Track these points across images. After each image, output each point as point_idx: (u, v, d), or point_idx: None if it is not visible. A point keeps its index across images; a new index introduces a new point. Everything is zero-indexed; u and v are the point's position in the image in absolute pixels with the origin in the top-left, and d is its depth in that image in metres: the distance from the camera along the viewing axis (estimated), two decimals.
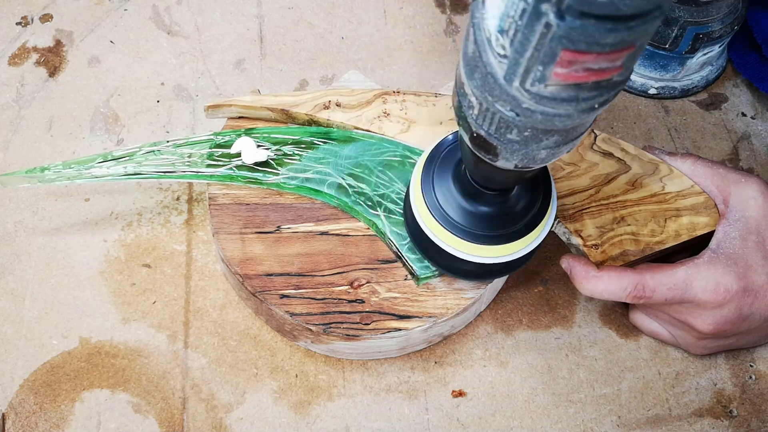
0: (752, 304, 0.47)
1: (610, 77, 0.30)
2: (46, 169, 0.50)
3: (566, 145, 0.36)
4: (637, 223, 0.51)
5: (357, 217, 0.52)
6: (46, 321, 0.52)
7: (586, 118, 0.33)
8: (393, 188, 0.52)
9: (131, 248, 0.55)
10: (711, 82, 0.67)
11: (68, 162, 0.51)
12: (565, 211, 0.51)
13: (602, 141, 0.54)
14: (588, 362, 0.53)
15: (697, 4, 0.60)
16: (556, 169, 0.52)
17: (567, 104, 0.31)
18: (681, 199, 0.51)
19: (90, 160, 0.51)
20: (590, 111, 0.32)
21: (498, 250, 0.45)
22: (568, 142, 0.36)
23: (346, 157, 0.53)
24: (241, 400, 0.50)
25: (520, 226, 0.45)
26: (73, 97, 0.62)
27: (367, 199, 0.52)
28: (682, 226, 0.50)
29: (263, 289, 0.49)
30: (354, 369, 0.52)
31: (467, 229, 0.45)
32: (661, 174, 0.52)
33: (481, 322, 0.54)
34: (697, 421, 0.51)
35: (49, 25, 0.66)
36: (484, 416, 0.51)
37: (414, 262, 0.50)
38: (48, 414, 0.49)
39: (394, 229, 0.51)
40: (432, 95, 0.55)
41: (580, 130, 0.35)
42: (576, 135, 0.36)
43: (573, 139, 0.36)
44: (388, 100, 0.55)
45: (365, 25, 0.69)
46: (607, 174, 0.52)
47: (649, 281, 0.47)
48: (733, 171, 0.51)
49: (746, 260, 0.47)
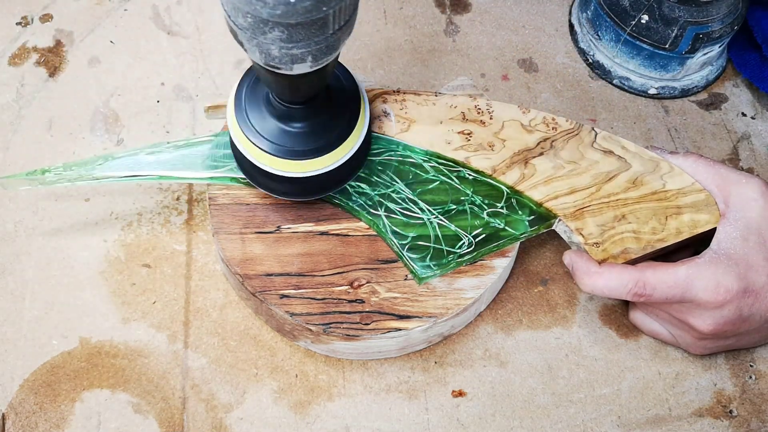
0: (752, 305, 0.47)
1: None
2: (47, 171, 0.50)
3: (296, 46, 0.38)
4: (638, 220, 0.51)
5: (358, 216, 0.52)
6: (46, 321, 0.52)
7: (290, 14, 0.36)
8: (394, 188, 0.52)
9: (131, 248, 0.55)
10: (711, 82, 0.67)
11: (69, 164, 0.51)
12: (566, 209, 0.51)
13: (603, 139, 0.54)
14: (588, 362, 0.53)
15: (697, 4, 0.61)
16: (557, 168, 0.52)
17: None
18: (682, 196, 0.51)
19: (90, 161, 0.51)
20: (286, 4, 0.35)
21: (314, 164, 0.48)
22: (296, 42, 0.38)
23: None
24: (241, 400, 0.50)
25: (331, 139, 0.48)
26: (73, 97, 0.62)
27: (368, 199, 0.52)
28: (683, 224, 0.50)
29: (263, 289, 0.49)
30: (354, 369, 0.52)
31: (284, 147, 0.47)
32: (661, 171, 0.52)
33: (481, 322, 0.54)
34: (697, 421, 0.51)
35: (49, 25, 0.66)
36: (484, 416, 0.51)
37: (415, 262, 0.50)
38: (48, 414, 0.49)
39: (396, 228, 0.51)
40: (432, 94, 0.55)
41: (308, 34, 0.38)
42: (302, 39, 0.38)
43: (300, 42, 0.38)
44: (387, 100, 0.55)
45: (365, 25, 0.69)
46: (608, 172, 0.52)
47: (650, 278, 0.47)
48: (734, 171, 0.51)
49: (747, 260, 0.47)
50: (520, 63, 0.67)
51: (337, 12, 0.37)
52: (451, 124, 0.54)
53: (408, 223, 0.51)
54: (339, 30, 0.39)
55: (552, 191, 0.52)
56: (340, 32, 0.39)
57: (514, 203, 0.52)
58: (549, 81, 0.66)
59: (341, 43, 0.40)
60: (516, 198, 0.52)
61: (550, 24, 0.70)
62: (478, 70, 0.66)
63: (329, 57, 0.40)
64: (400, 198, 0.52)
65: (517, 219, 0.51)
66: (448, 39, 0.68)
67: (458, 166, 0.53)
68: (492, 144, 0.53)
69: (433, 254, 0.50)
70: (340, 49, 0.41)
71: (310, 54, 0.39)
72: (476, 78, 0.66)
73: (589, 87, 0.66)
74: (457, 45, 0.68)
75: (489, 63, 0.67)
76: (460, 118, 0.54)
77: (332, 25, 0.38)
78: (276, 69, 0.40)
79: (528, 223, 0.51)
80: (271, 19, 0.36)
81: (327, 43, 0.39)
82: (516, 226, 0.51)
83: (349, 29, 0.40)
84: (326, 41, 0.39)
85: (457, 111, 0.55)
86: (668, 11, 0.61)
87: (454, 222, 0.51)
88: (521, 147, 0.53)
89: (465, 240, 0.51)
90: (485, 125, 0.54)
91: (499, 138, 0.54)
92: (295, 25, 0.37)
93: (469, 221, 0.51)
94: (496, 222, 0.51)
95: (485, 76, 0.66)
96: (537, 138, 0.54)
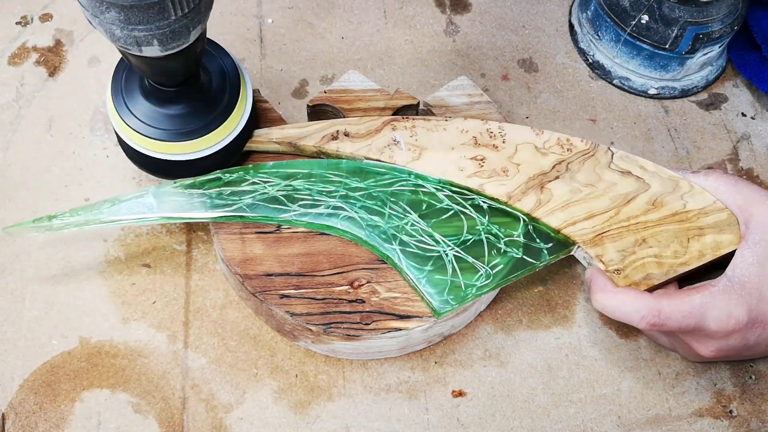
0: (759, 335, 0.46)
1: None
2: (54, 218, 0.50)
3: (137, 28, 0.39)
4: (659, 244, 0.49)
5: (372, 251, 0.51)
6: (46, 321, 0.52)
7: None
8: (407, 220, 0.51)
9: (131, 248, 0.55)
10: (711, 82, 0.67)
11: (75, 209, 0.50)
12: (585, 235, 0.50)
13: (620, 159, 0.52)
14: (588, 362, 0.53)
15: (697, 4, 0.61)
16: (574, 192, 0.51)
17: None
18: (703, 216, 0.50)
19: (97, 205, 0.50)
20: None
21: (194, 145, 0.49)
22: (135, 25, 0.39)
23: (357, 189, 0.52)
24: (241, 400, 0.50)
25: (210, 119, 0.49)
26: (73, 97, 0.62)
27: (381, 232, 0.50)
28: (706, 246, 0.49)
29: (263, 289, 0.49)
30: (354, 369, 0.52)
31: (159, 129, 0.48)
32: (681, 191, 0.51)
33: (481, 322, 0.54)
34: (697, 421, 0.51)
35: (49, 25, 0.66)
36: (484, 416, 0.51)
37: (432, 297, 0.48)
38: (48, 414, 0.49)
39: (410, 262, 0.50)
40: (442, 119, 0.54)
41: (147, 17, 0.39)
42: (142, 22, 0.39)
43: (140, 25, 0.39)
44: (397, 127, 0.54)
45: (365, 25, 0.69)
46: (627, 194, 0.51)
47: (666, 308, 0.45)
48: (757, 190, 0.49)
49: (760, 290, 0.46)
50: (520, 63, 0.67)
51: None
52: (463, 150, 0.53)
53: (424, 256, 0.50)
54: (184, 17, 0.40)
55: (570, 217, 0.50)
56: (186, 19, 0.40)
57: (531, 231, 0.50)
58: (549, 81, 0.66)
59: (190, 30, 0.41)
60: (533, 225, 0.51)
61: (550, 24, 0.70)
62: (478, 70, 0.66)
63: (178, 43, 0.41)
64: (414, 230, 0.50)
65: (535, 247, 0.50)
66: (448, 39, 0.68)
67: (472, 194, 0.52)
68: (506, 169, 0.52)
69: (450, 288, 0.49)
70: (193, 37, 0.42)
71: (155, 38, 0.40)
72: (476, 78, 0.66)
73: (589, 87, 0.66)
74: (457, 45, 0.68)
75: (489, 63, 0.67)
76: (472, 143, 0.53)
77: (173, 11, 0.39)
78: (127, 50, 0.42)
79: (546, 252, 0.50)
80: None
81: (171, 28, 0.40)
82: (534, 255, 0.50)
83: (198, 17, 0.41)
84: (170, 27, 0.40)
85: (468, 136, 0.53)
86: (668, 11, 0.61)
87: (470, 253, 0.50)
88: (536, 171, 0.52)
89: (482, 271, 0.49)
90: (498, 149, 0.53)
91: (513, 162, 0.52)
92: (129, 7, 0.38)
93: (486, 251, 0.50)
94: (514, 251, 0.50)
95: (485, 76, 0.66)
96: (552, 161, 0.52)
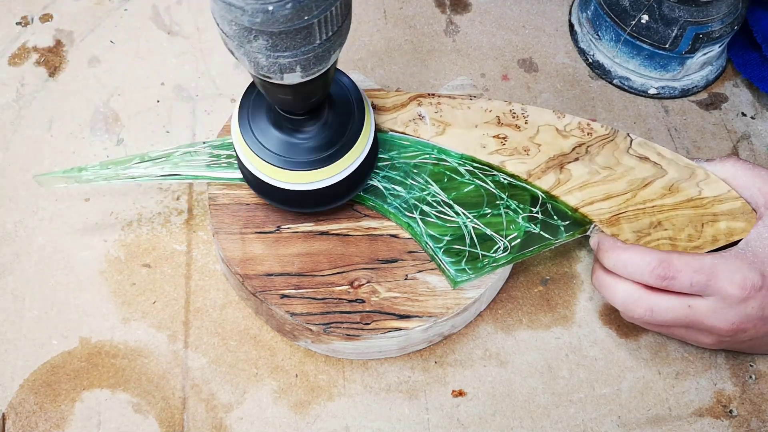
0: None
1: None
2: (84, 170, 0.50)
3: (282, 55, 0.38)
4: (674, 227, 0.50)
5: (392, 219, 0.52)
6: (46, 321, 0.52)
7: (271, 22, 0.36)
8: (429, 191, 0.52)
9: (131, 248, 0.55)
10: (711, 82, 0.67)
11: (105, 162, 0.50)
12: (602, 214, 0.51)
13: (638, 145, 0.54)
14: (588, 362, 0.53)
15: (697, 4, 0.61)
16: (593, 173, 0.52)
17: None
18: (718, 203, 0.51)
19: (127, 160, 0.51)
20: (264, 12, 0.35)
21: (317, 174, 0.47)
22: (281, 52, 0.38)
23: (381, 159, 0.53)
24: (241, 400, 0.50)
25: (335, 150, 0.47)
26: (73, 97, 0.62)
27: (403, 201, 0.52)
28: (720, 231, 0.50)
29: (263, 289, 0.49)
30: (354, 369, 0.52)
31: (289, 159, 0.47)
32: (697, 179, 0.52)
33: (481, 322, 0.54)
34: (697, 421, 0.51)
35: (49, 25, 0.66)
36: (484, 416, 0.51)
37: (450, 266, 0.50)
38: (48, 414, 0.49)
39: (430, 231, 0.51)
40: (467, 98, 0.55)
41: (293, 43, 0.38)
42: (288, 48, 0.38)
43: (286, 51, 0.38)
44: (422, 103, 0.55)
45: (365, 25, 0.69)
46: (644, 178, 0.52)
47: (676, 261, 0.45)
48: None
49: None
50: (520, 63, 0.67)
51: (323, 22, 0.37)
52: (486, 128, 0.54)
53: (443, 226, 0.51)
54: (327, 40, 0.39)
55: (587, 197, 0.52)
56: (328, 43, 0.39)
57: (549, 208, 0.52)
58: (549, 81, 0.66)
59: (331, 54, 0.40)
60: (551, 203, 0.52)
61: (550, 24, 0.70)
62: (478, 70, 0.66)
63: (319, 67, 0.40)
64: (435, 201, 0.52)
65: (552, 224, 0.51)
66: (448, 39, 0.68)
67: (493, 170, 0.53)
68: (527, 148, 0.53)
69: (468, 258, 0.50)
70: (332, 60, 0.41)
71: (299, 64, 0.39)
72: (476, 78, 0.66)
73: (589, 87, 0.66)
74: (457, 45, 0.68)
75: (489, 63, 0.67)
76: (495, 122, 0.54)
77: (318, 35, 0.38)
78: (267, 78, 0.40)
79: (563, 229, 0.51)
80: (253, 27, 0.36)
81: (315, 53, 0.39)
82: (551, 231, 0.51)
83: (339, 40, 0.40)
84: (314, 51, 0.39)
85: (492, 115, 0.55)
86: (668, 11, 0.61)
87: (489, 226, 0.51)
88: (556, 152, 0.53)
89: (500, 244, 0.50)
90: (520, 129, 0.54)
91: (534, 143, 0.54)
92: (278, 33, 0.37)
93: (505, 225, 0.51)
94: (532, 227, 0.51)
95: (485, 76, 0.66)
96: (572, 143, 0.54)
